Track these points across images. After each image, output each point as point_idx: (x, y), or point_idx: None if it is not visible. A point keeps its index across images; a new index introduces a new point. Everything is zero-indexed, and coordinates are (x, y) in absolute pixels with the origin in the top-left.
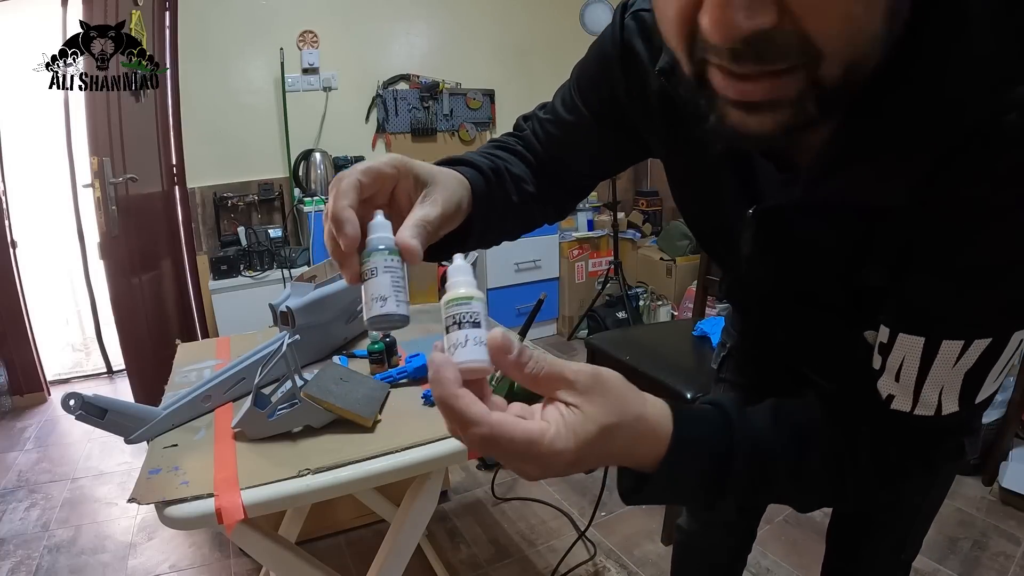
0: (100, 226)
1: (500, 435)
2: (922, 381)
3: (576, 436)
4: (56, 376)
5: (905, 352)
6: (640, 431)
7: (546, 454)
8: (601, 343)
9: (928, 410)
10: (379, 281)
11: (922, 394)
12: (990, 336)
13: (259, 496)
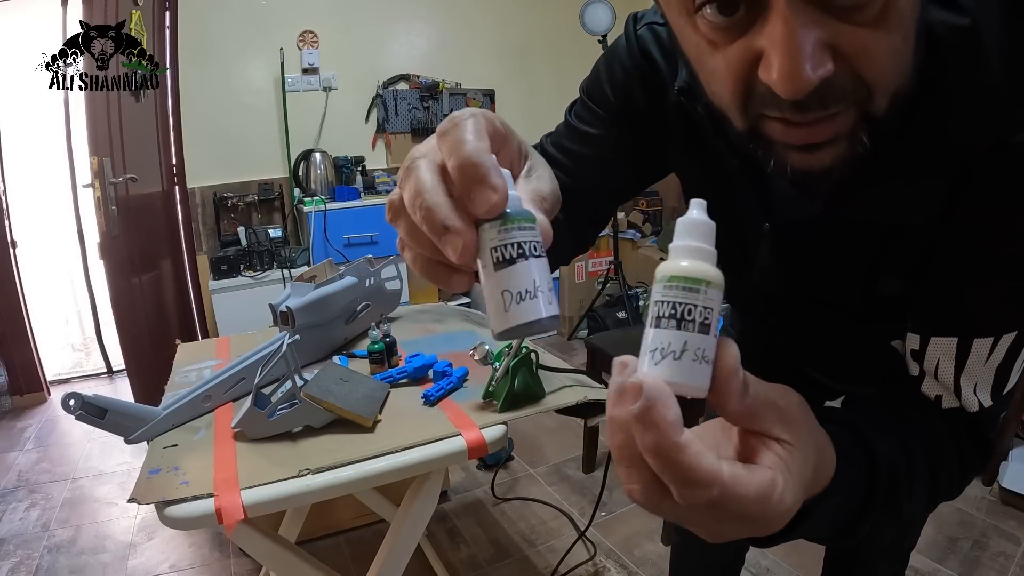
0: (100, 226)
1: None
2: (958, 379)
3: (802, 484)
4: (56, 376)
5: (939, 355)
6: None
7: (776, 514)
8: (601, 343)
9: (972, 406)
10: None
11: (962, 391)
12: (1015, 330)
13: (259, 496)
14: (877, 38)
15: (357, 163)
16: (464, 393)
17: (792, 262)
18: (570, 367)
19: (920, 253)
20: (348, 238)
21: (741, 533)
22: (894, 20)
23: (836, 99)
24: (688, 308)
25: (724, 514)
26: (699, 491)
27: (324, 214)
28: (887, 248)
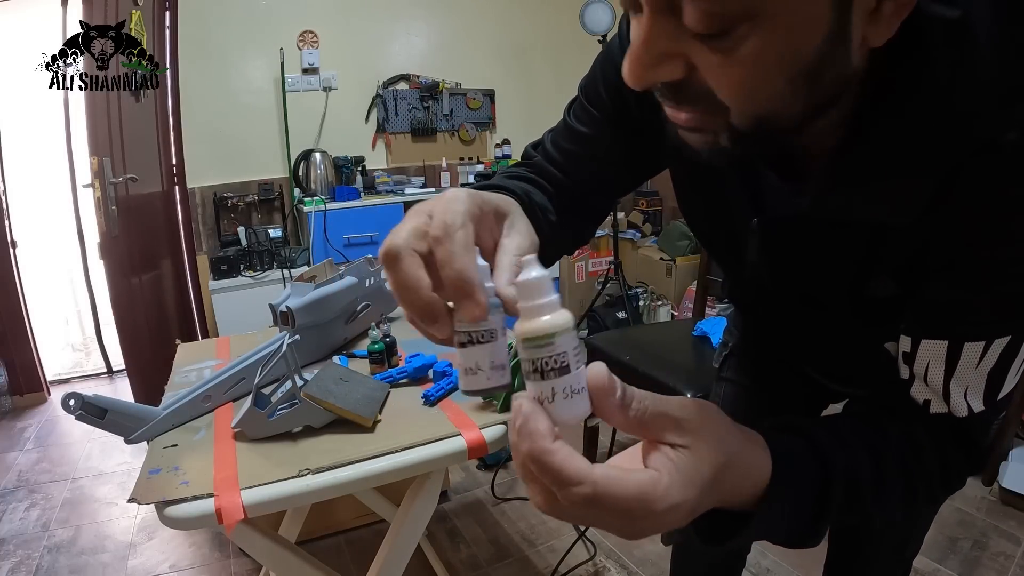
0: (100, 226)
1: (606, 493)
2: (948, 383)
3: (692, 483)
4: (56, 376)
5: (929, 358)
6: (745, 467)
7: (661, 510)
8: (601, 343)
9: (961, 411)
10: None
11: (952, 395)
12: (1009, 334)
13: (259, 496)
14: (726, 67)
15: (357, 163)
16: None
17: (780, 258)
18: None
19: (911, 254)
20: (348, 238)
21: (646, 529)
22: (747, 58)
23: (689, 100)
24: (544, 361)
25: (608, 511)
26: (573, 489)
27: (324, 214)
28: (876, 248)
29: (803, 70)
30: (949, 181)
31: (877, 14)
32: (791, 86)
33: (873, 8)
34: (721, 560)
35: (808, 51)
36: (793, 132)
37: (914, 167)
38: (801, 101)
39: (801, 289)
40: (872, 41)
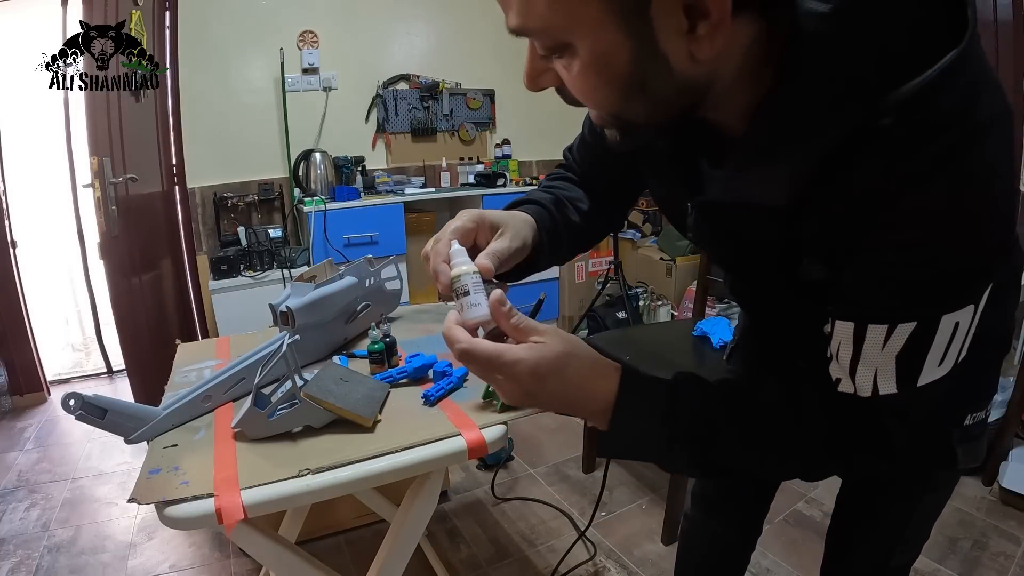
0: (100, 226)
1: (473, 349)
2: (855, 364)
3: (535, 353)
4: (56, 376)
5: (841, 338)
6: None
7: (508, 363)
8: (601, 343)
9: (865, 391)
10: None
11: (857, 375)
12: (914, 320)
13: (259, 496)
14: (569, 79)
15: (357, 163)
16: (464, 393)
17: (713, 239)
18: None
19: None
20: (348, 238)
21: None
22: (578, 73)
23: (570, 100)
24: (458, 289)
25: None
26: (455, 345)
27: (324, 214)
28: (787, 231)
29: (625, 82)
30: (828, 166)
31: (693, 34)
32: (620, 93)
33: (687, 29)
34: (723, 560)
35: (620, 69)
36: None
37: (786, 152)
38: (640, 104)
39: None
40: (699, 56)
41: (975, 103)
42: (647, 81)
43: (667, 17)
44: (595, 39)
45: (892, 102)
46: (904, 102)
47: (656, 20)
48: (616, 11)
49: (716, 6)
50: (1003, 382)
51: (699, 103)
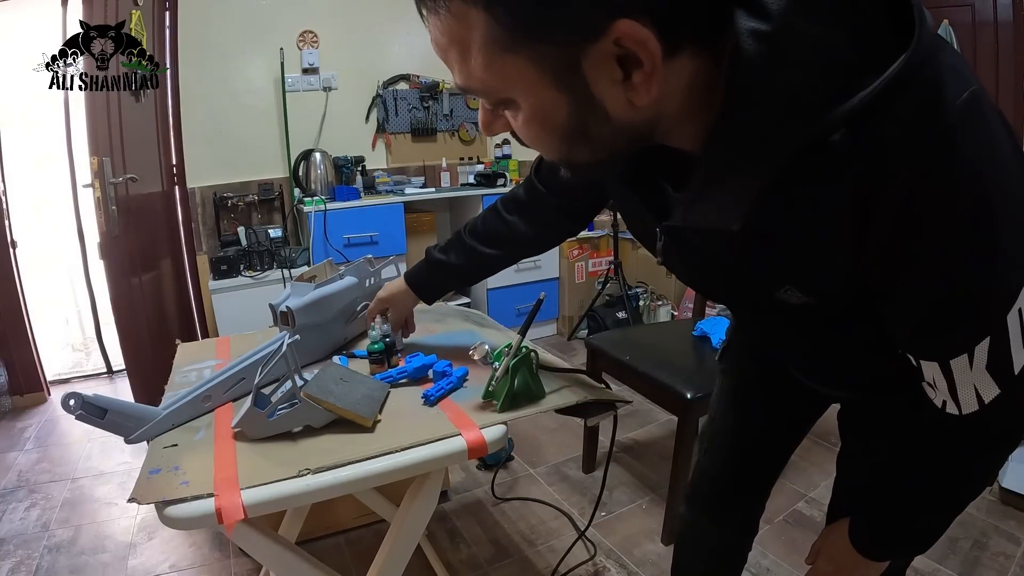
0: (100, 226)
1: None
2: (954, 390)
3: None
4: (56, 376)
5: (932, 372)
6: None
7: None
8: (601, 343)
9: (971, 407)
10: None
11: (960, 398)
12: (985, 336)
13: (259, 496)
14: (518, 127)
15: (357, 163)
16: (464, 393)
17: (682, 263)
18: (570, 367)
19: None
20: (348, 238)
21: None
22: (523, 122)
23: (523, 143)
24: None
25: None
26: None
27: (324, 214)
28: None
29: (566, 132)
30: (781, 189)
31: (629, 82)
32: (563, 142)
33: (622, 78)
34: (719, 561)
35: (559, 121)
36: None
37: (737, 177)
38: (585, 149)
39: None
40: (637, 102)
41: (938, 99)
42: (588, 129)
43: (600, 70)
44: (533, 97)
45: (839, 116)
46: (854, 115)
47: (589, 74)
48: (548, 71)
49: (646, 56)
50: None
51: (647, 139)
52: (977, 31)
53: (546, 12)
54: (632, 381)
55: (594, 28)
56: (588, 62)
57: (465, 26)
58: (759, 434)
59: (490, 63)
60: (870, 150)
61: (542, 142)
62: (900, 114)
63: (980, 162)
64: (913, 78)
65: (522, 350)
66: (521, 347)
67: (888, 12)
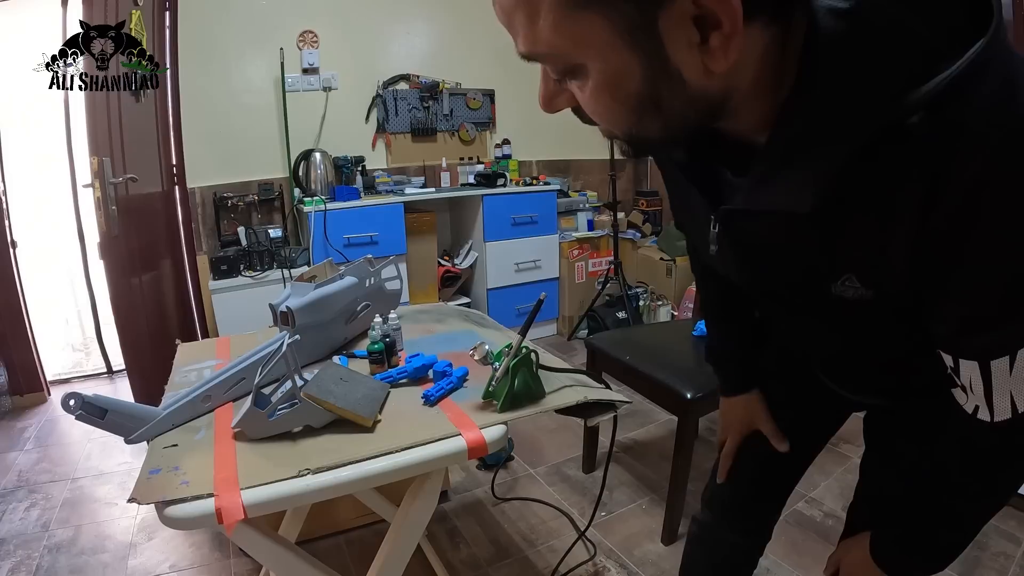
0: (100, 226)
1: None
2: (990, 395)
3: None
4: (56, 376)
5: (969, 374)
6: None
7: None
8: (601, 343)
9: (1004, 415)
10: None
11: (994, 404)
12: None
13: (259, 496)
14: (584, 99)
15: (357, 163)
16: (464, 393)
17: (737, 249)
18: (570, 367)
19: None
20: (348, 238)
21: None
22: (590, 93)
23: (588, 120)
24: None
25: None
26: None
27: (324, 214)
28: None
29: (638, 101)
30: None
31: (706, 46)
32: (634, 113)
33: (699, 42)
34: (733, 566)
35: (632, 88)
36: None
37: (810, 157)
38: (656, 121)
39: (764, 285)
40: (714, 68)
41: (1016, 92)
42: (661, 98)
43: (677, 31)
44: (605, 60)
45: (918, 99)
46: (933, 98)
47: (665, 36)
48: (623, 30)
49: (727, 16)
50: None
51: (718, 116)
52: None
53: None
54: (632, 381)
55: None
56: (665, 21)
57: None
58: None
59: (561, 22)
60: (947, 134)
61: (612, 113)
62: (978, 102)
63: None
64: (990, 68)
65: (522, 350)
66: (521, 347)
67: (965, 3)
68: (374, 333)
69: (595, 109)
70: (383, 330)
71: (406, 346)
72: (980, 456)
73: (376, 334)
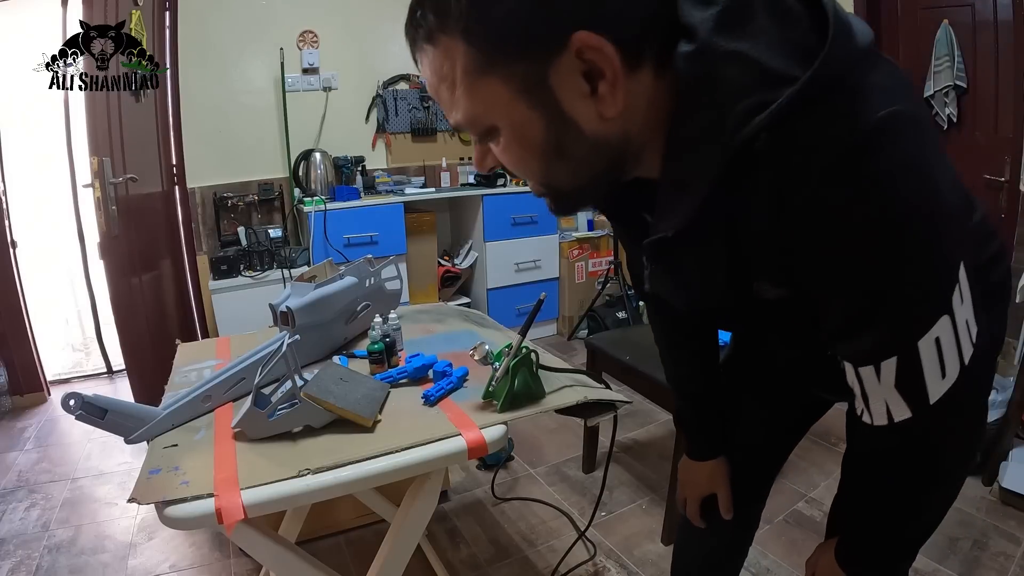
0: (100, 226)
1: None
2: (866, 397)
3: None
4: (56, 376)
5: (851, 376)
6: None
7: None
8: (601, 343)
9: (881, 420)
10: None
11: (871, 407)
12: (893, 355)
13: (259, 496)
14: (501, 155)
15: (357, 163)
16: (464, 393)
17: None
18: (570, 367)
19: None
20: (348, 238)
21: None
22: (505, 149)
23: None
24: None
25: None
26: None
27: (324, 214)
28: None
29: (544, 150)
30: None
31: (596, 96)
32: (542, 162)
33: (589, 92)
34: (719, 554)
35: (537, 140)
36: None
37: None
38: (563, 169)
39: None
40: (606, 113)
41: (852, 113)
42: (565, 146)
43: (568, 85)
44: (510, 117)
45: (759, 124)
46: (771, 122)
47: (558, 90)
48: (520, 90)
49: (608, 66)
50: (1003, 382)
51: (622, 161)
52: (977, 31)
53: (511, 29)
54: (632, 381)
55: (555, 40)
56: (555, 77)
57: (449, 58)
58: (761, 443)
59: (471, 89)
60: (785, 155)
61: (525, 164)
62: (813, 124)
63: (889, 180)
64: (830, 91)
65: (522, 350)
66: (521, 347)
67: (817, 30)
68: (374, 333)
69: (509, 162)
70: (383, 330)
71: (406, 346)
72: (885, 457)
73: (376, 334)
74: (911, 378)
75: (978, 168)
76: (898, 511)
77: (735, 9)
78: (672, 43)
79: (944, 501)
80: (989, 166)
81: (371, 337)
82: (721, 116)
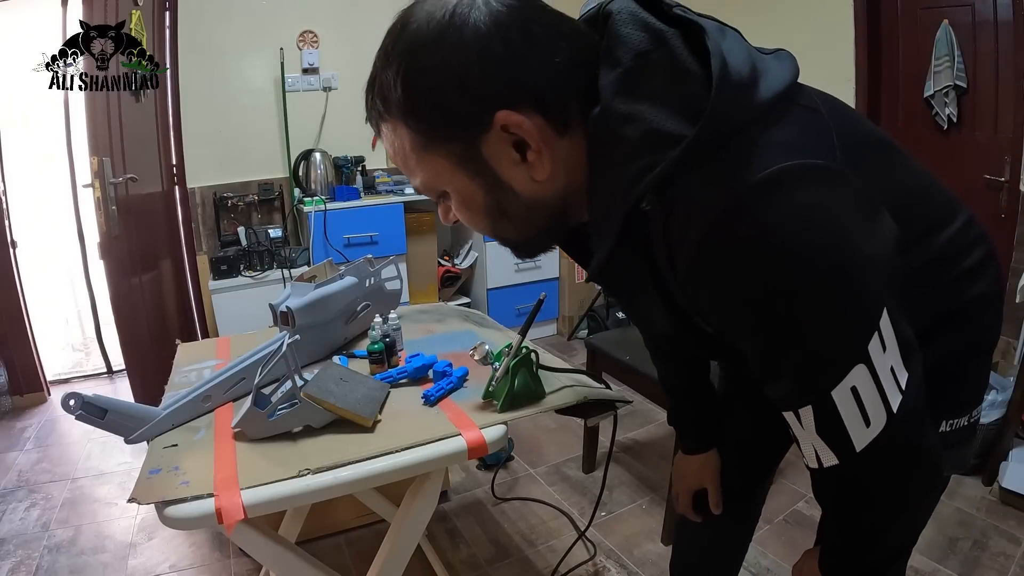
0: (100, 226)
1: None
2: (798, 441)
3: None
4: (56, 376)
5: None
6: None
7: None
8: (601, 343)
9: (813, 463)
10: None
11: (802, 449)
12: (807, 404)
13: (259, 496)
14: (457, 213)
15: (357, 163)
16: (464, 393)
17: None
18: (570, 367)
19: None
20: (348, 238)
21: None
22: (457, 208)
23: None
24: None
25: None
26: None
27: (324, 214)
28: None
29: (487, 212)
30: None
31: (526, 162)
32: (488, 220)
33: (520, 160)
34: (713, 545)
35: (480, 203)
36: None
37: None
38: (508, 225)
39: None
40: (538, 177)
41: (732, 171)
42: (505, 207)
43: (499, 154)
44: (454, 184)
45: (647, 185)
46: (659, 182)
47: (491, 160)
48: (458, 162)
49: (531, 138)
50: (1003, 382)
51: (561, 213)
52: (977, 31)
53: (440, 115)
54: (632, 381)
55: (479, 121)
56: (487, 149)
57: (399, 137)
58: (750, 437)
59: (420, 162)
60: (666, 219)
61: (476, 222)
62: (692, 186)
63: (774, 238)
64: (717, 149)
65: (522, 350)
66: (521, 347)
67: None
68: (374, 333)
69: (463, 218)
70: (383, 330)
71: (406, 346)
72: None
73: (376, 334)
74: (831, 426)
75: (978, 168)
76: (855, 539)
77: (636, 70)
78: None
79: (902, 530)
80: (989, 166)
81: (371, 337)
82: (618, 176)
